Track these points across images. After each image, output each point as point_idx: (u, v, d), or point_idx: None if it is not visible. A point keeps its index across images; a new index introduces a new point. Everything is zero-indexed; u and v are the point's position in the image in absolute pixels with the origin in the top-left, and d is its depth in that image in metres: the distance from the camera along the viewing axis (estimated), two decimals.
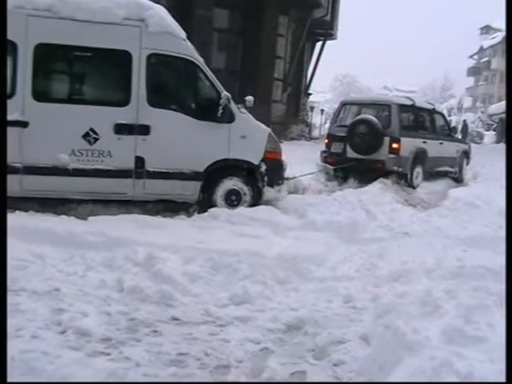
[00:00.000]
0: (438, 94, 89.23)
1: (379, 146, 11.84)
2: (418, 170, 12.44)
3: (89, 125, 7.05)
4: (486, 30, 75.41)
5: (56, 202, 7.25)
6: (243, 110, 8.05)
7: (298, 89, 24.16)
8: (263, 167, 7.88)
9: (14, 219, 6.17)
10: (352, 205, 8.29)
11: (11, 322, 3.79)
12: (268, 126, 16.31)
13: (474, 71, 76.02)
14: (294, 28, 21.17)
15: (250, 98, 15.06)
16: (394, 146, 11.82)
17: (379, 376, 3.37)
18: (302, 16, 20.88)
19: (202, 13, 16.66)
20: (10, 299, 4.24)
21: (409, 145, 12.06)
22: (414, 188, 11.98)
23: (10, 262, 4.96)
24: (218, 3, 17.37)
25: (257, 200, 7.92)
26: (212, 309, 4.53)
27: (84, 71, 7.61)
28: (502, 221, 7.85)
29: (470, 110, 70.04)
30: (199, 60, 7.56)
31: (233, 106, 7.71)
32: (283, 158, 8.33)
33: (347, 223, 7.27)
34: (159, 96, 7.57)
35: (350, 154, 12.20)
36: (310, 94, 28.48)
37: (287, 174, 8.85)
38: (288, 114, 21.45)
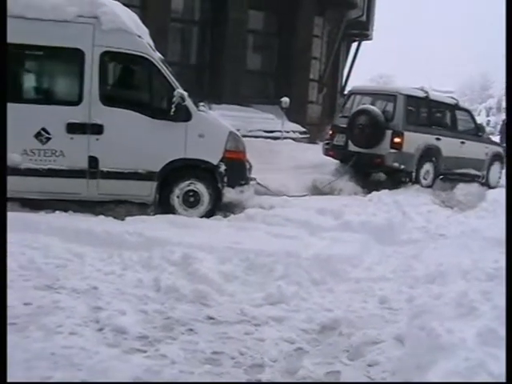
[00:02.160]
0: (476, 93, 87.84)
1: (380, 140, 11.11)
2: (428, 168, 11.61)
3: (41, 124, 6.95)
4: None
5: (94, 203, 7.38)
6: (203, 108, 7.83)
7: (333, 90, 24.05)
8: (222, 167, 7.65)
9: (54, 219, 6.36)
10: (388, 206, 8.25)
11: (51, 319, 3.91)
12: (303, 126, 16.56)
13: None
14: (329, 29, 21.08)
15: (285, 100, 15.21)
16: (396, 140, 11.05)
17: (414, 377, 3.36)
18: (337, 17, 20.76)
19: (237, 15, 16.68)
20: (51, 297, 4.38)
21: (416, 140, 11.27)
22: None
23: (51, 261, 5.15)
24: (253, 5, 17.39)
25: (216, 201, 7.73)
26: (247, 308, 4.57)
27: (35, 70, 7.57)
28: None
29: None
30: (154, 57, 7.44)
31: (189, 103, 7.44)
32: (247, 157, 8.10)
33: (383, 224, 7.23)
34: (113, 94, 7.51)
35: (352, 147, 11.57)
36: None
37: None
38: (324, 115, 21.37)
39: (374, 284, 5.35)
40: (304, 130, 16.35)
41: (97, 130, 7.16)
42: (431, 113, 12.23)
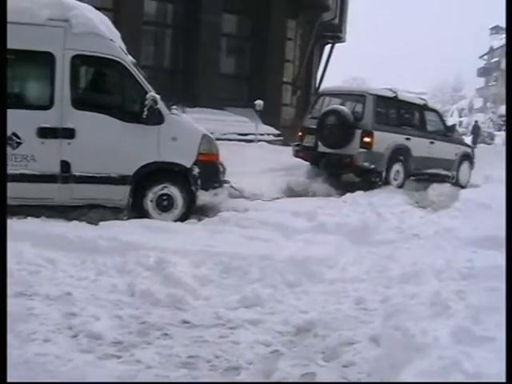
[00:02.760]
0: (448, 95, 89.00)
1: (350, 140, 11.06)
2: (398, 168, 11.55)
3: (11, 129, 6.77)
4: (496, 30, 74.93)
5: (67, 208, 7.31)
6: (175, 111, 7.81)
7: (307, 92, 24.13)
8: (196, 170, 7.61)
9: (25, 225, 6.27)
10: (362, 207, 8.29)
11: (25, 326, 3.87)
12: (278, 129, 16.59)
13: (484, 72, 75.71)
14: (302, 31, 21.17)
15: (259, 102, 15.24)
16: (366, 139, 11.00)
17: (389, 377, 3.38)
18: (310, 19, 20.85)
19: (210, 18, 16.68)
20: (24, 303, 4.33)
21: (385, 140, 11.23)
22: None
23: (24, 267, 5.10)
24: (226, 9, 17.43)
25: (190, 204, 7.69)
26: (222, 312, 4.57)
27: (5, 74, 7.54)
28: None
29: (480, 110, 69.73)
30: (126, 60, 7.38)
31: (161, 106, 7.39)
32: (220, 159, 8.08)
33: (357, 225, 7.26)
34: (84, 98, 7.44)
35: (322, 148, 11.49)
36: None
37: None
38: (298, 118, 21.43)
39: (348, 285, 5.36)
40: (278, 132, 16.40)
41: (68, 134, 7.08)
42: (400, 113, 12.26)
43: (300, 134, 12.44)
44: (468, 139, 36.75)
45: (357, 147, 11.01)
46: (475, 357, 3.25)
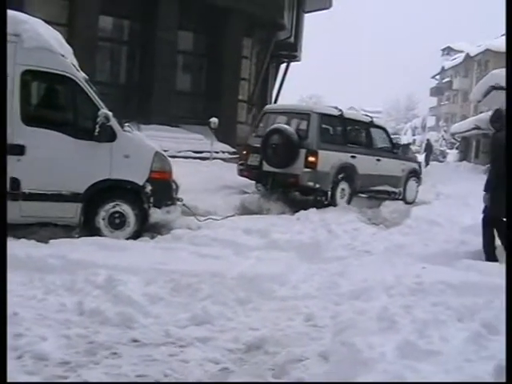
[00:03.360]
0: (402, 113, 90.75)
1: (294, 159, 10.92)
2: (344, 187, 11.47)
3: None
4: (447, 51, 77.10)
5: (17, 226, 7.17)
6: (128, 128, 7.76)
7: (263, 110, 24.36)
8: (148, 187, 7.58)
9: None
10: (314, 224, 8.37)
11: None
12: (233, 146, 16.65)
13: (436, 91, 77.49)
14: (258, 50, 21.38)
15: (214, 120, 15.27)
16: (311, 159, 10.86)
17: None
18: (265, 38, 21.09)
19: (166, 35, 16.72)
20: None
21: (330, 159, 11.14)
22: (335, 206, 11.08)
23: None
24: (182, 26, 17.49)
25: (143, 222, 7.65)
26: (172, 330, 4.52)
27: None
28: (464, 237, 8.08)
29: (433, 129, 71.32)
30: (78, 77, 7.31)
31: (114, 123, 7.35)
32: (173, 177, 8.07)
33: (309, 242, 7.34)
34: (35, 114, 7.37)
35: (267, 167, 11.34)
36: None
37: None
38: None
39: (299, 302, 5.39)
40: (233, 150, 16.45)
41: (18, 150, 6.94)
42: (346, 131, 12.14)
43: (244, 152, 12.27)
44: (421, 157, 37.58)
45: (301, 166, 10.89)
46: (419, 370, 3.33)
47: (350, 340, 3.82)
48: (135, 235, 7.52)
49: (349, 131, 12.29)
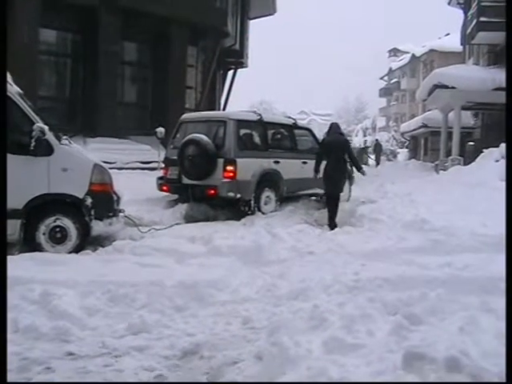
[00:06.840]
0: (352, 115, 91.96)
1: (212, 170, 10.44)
2: (268, 194, 11.02)
3: None
4: (394, 52, 78.47)
5: None
6: (66, 141, 7.71)
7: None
8: (89, 200, 7.52)
9: None
10: (257, 228, 8.42)
11: None
12: None
13: (385, 92, 78.70)
14: (203, 58, 21.45)
15: (160, 130, 15.26)
16: (229, 168, 10.37)
17: None
18: (210, 46, 21.19)
19: (108, 47, 16.69)
20: None
21: (251, 166, 10.68)
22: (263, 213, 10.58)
23: None
24: (125, 36, 17.47)
25: (84, 235, 7.57)
26: (109, 340, 4.53)
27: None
28: (405, 233, 8.25)
29: (384, 129, 72.51)
30: (11, 91, 7.18)
31: (50, 137, 7.27)
32: (115, 189, 8.00)
33: (251, 246, 7.36)
34: None
35: (186, 179, 10.81)
36: None
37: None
38: None
39: (238, 306, 5.45)
40: None
41: None
42: (267, 136, 11.65)
43: (163, 166, 11.81)
44: (372, 157, 38.08)
45: (220, 177, 10.43)
46: (343, 364, 3.42)
47: (279, 340, 3.88)
48: (77, 249, 7.45)
49: (270, 136, 11.86)
